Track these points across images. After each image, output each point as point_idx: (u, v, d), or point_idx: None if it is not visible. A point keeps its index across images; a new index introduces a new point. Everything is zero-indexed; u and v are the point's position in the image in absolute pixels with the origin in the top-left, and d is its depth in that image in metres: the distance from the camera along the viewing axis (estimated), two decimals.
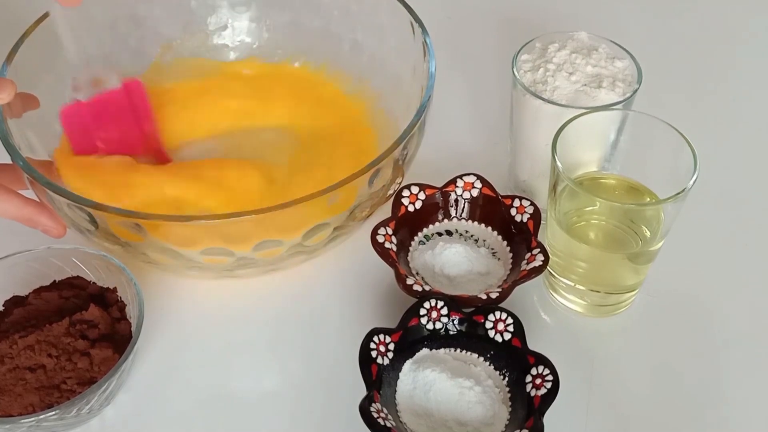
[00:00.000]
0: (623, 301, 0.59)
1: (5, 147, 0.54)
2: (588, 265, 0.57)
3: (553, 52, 0.61)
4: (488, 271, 0.59)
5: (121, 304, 0.56)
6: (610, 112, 0.57)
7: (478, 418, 0.51)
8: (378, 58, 0.68)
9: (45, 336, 0.53)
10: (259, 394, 0.56)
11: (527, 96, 0.59)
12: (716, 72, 0.81)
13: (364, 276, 0.62)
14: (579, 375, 0.56)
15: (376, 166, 0.53)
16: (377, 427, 0.47)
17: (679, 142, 0.54)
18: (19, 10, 0.70)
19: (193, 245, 0.53)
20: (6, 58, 0.59)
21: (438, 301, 0.54)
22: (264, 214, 0.50)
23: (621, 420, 0.54)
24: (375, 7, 0.67)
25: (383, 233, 0.58)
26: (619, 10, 0.87)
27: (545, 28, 0.64)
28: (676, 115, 0.57)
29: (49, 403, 0.51)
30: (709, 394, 0.55)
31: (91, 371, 0.52)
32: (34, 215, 0.55)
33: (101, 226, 0.53)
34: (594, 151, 0.59)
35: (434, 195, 0.62)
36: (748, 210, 0.67)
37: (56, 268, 0.58)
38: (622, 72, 0.60)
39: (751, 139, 0.73)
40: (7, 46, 0.60)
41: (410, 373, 0.53)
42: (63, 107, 0.60)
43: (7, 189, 0.55)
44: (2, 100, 0.54)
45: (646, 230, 0.56)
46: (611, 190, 0.59)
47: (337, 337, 0.58)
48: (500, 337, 0.54)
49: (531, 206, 0.60)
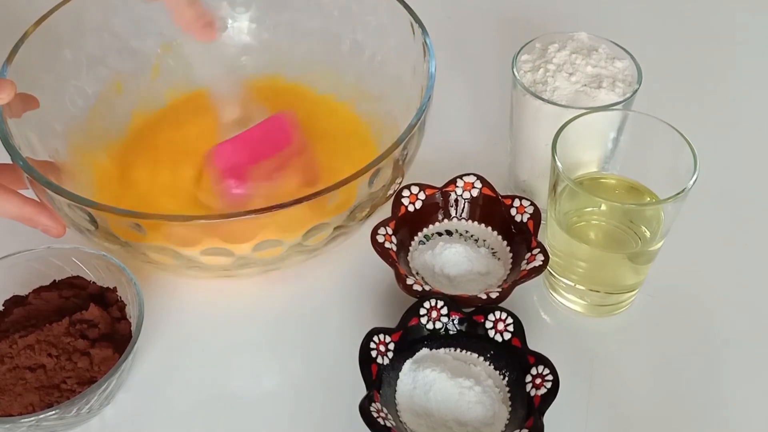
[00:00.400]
0: (623, 301, 0.59)
1: (5, 147, 0.54)
2: (588, 265, 0.57)
3: (553, 52, 0.61)
4: (488, 271, 0.59)
5: (121, 304, 0.56)
6: (610, 113, 0.57)
7: (478, 418, 0.51)
8: (378, 58, 0.68)
9: (45, 336, 0.53)
10: (259, 394, 0.56)
11: (527, 96, 0.59)
12: (716, 72, 0.81)
13: (364, 276, 0.62)
14: (579, 375, 0.56)
15: (376, 166, 0.53)
16: (377, 427, 0.47)
17: (679, 142, 0.54)
18: (19, 10, 0.70)
19: (193, 245, 0.53)
20: (6, 58, 0.59)
21: (438, 300, 0.54)
22: (264, 214, 0.50)
23: (621, 420, 0.54)
24: (375, 7, 0.67)
25: (383, 233, 0.58)
26: (619, 10, 0.87)
27: (545, 28, 0.64)
28: (676, 115, 0.57)
29: (49, 403, 0.51)
30: (709, 394, 0.55)
31: (91, 371, 0.52)
32: (34, 215, 0.55)
33: (101, 226, 0.53)
34: (594, 151, 0.59)
35: (434, 195, 0.62)
36: (748, 210, 0.67)
37: (56, 268, 0.58)
38: (622, 72, 0.60)
39: (751, 139, 0.73)
40: (7, 46, 0.60)
41: (410, 372, 0.53)
42: (210, 151, 0.60)
43: (7, 188, 0.55)
44: (2, 100, 0.54)
45: (646, 230, 0.56)
46: (611, 190, 0.59)
47: (337, 337, 0.58)
48: (500, 337, 0.54)
49: (531, 206, 0.60)
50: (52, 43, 0.63)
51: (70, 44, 0.65)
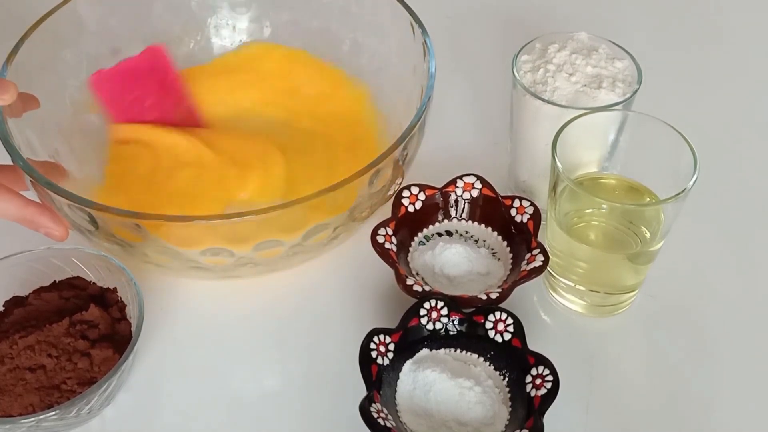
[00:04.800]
0: (623, 301, 0.59)
1: (5, 147, 0.54)
2: (588, 266, 0.57)
3: (553, 52, 0.61)
4: (488, 271, 0.59)
5: (121, 305, 0.57)
6: (610, 113, 0.57)
7: (478, 419, 0.51)
8: (378, 58, 0.69)
9: (45, 336, 0.53)
10: (260, 394, 0.56)
11: (527, 96, 0.59)
12: (716, 72, 0.81)
13: (364, 276, 0.62)
14: (579, 375, 0.56)
15: (376, 166, 0.53)
16: (377, 427, 0.47)
17: (679, 142, 0.54)
18: (19, 10, 0.70)
19: (193, 245, 0.53)
20: (6, 58, 0.59)
21: (438, 301, 0.54)
22: (264, 214, 0.50)
23: (621, 420, 0.54)
24: (375, 7, 0.67)
25: (383, 233, 0.58)
26: (619, 10, 0.87)
27: (545, 28, 0.64)
28: (676, 115, 0.57)
29: (49, 404, 0.51)
30: (709, 394, 0.55)
31: (91, 371, 0.52)
32: (36, 216, 0.55)
33: (101, 227, 0.53)
34: (594, 151, 0.59)
35: (434, 195, 0.62)
36: (748, 210, 0.67)
37: (56, 269, 0.58)
38: (622, 72, 0.60)
39: (751, 139, 0.73)
40: (7, 46, 0.60)
41: (410, 373, 0.53)
42: (90, 76, 0.61)
43: (8, 189, 0.55)
44: (4, 101, 0.54)
45: (646, 231, 0.56)
46: (611, 190, 0.59)
47: (337, 337, 0.58)
48: (500, 338, 0.54)
49: (531, 206, 0.60)
50: (52, 43, 0.63)
51: (70, 44, 0.65)
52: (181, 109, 0.65)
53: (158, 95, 0.64)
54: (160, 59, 0.64)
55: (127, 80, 0.62)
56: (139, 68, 0.63)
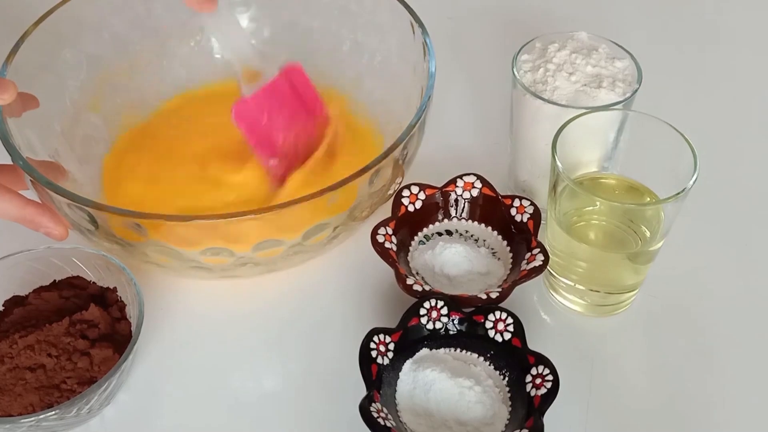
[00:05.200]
0: (623, 301, 0.59)
1: (5, 147, 0.54)
2: (588, 265, 0.57)
3: (553, 52, 0.61)
4: (488, 271, 0.59)
5: (121, 304, 0.57)
6: (610, 112, 0.57)
7: (478, 418, 0.51)
8: (378, 58, 0.68)
9: (45, 336, 0.53)
10: (259, 395, 0.56)
11: (527, 96, 0.59)
12: (716, 72, 0.81)
13: (364, 276, 0.62)
14: (579, 375, 0.56)
15: (376, 166, 0.53)
16: (377, 427, 0.47)
17: (679, 142, 0.54)
18: (19, 10, 0.70)
19: (193, 245, 0.53)
20: (6, 58, 0.59)
21: (438, 300, 0.54)
22: (264, 214, 0.50)
23: (621, 420, 0.54)
24: (375, 7, 0.67)
25: (383, 233, 0.58)
26: (619, 10, 0.87)
27: (545, 28, 0.64)
28: (676, 115, 0.57)
29: (49, 403, 0.51)
30: (710, 394, 0.55)
31: (91, 371, 0.52)
32: (36, 216, 0.55)
33: (101, 226, 0.53)
34: (594, 151, 0.59)
35: (434, 195, 0.62)
36: (748, 210, 0.67)
37: (56, 268, 0.58)
38: (622, 72, 0.60)
39: (751, 139, 0.73)
40: (7, 46, 0.60)
41: (410, 372, 0.53)
42: (233, 106, 0.59)
43: (8, 189, 0.54)
44: (4, 101, 0.54)
45: (646, 230, 0.56)
46: (611, 190, 0.59)
47: (337, 337, 0.58)
48: (500, 337, 0.54)
49: (531, 206, 0.60)
50: (52, 43, 0.63)
51: (70, 44, 0.65)
52: (320, 119, 0.63)
53: (299, 112, 0.62)
54: (299, 77, 0.62)
55: (265, 107, 0.60)
56: (278, 90, 0.61)
